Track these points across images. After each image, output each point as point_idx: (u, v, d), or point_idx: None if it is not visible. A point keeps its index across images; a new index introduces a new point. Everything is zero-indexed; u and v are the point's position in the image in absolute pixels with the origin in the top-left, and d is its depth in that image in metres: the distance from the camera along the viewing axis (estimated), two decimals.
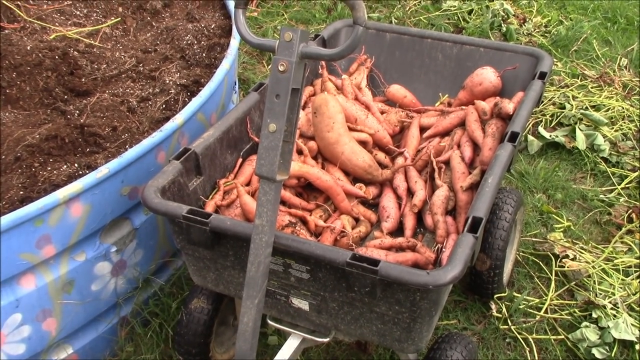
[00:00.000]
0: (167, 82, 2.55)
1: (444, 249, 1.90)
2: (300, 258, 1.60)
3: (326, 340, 1.77)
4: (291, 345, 1.80)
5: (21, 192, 1.98)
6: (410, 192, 2.13)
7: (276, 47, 1.47)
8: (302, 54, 1.45)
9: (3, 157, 2.26)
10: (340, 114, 2.12)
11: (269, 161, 1.48)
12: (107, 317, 2.14)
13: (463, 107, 2.35)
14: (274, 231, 1.53)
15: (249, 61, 3.94)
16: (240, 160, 2.10)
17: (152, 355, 2.13)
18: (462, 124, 2.29)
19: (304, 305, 1.72)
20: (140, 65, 2.76)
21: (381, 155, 2.24)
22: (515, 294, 2.40)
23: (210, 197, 1.96)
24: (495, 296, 2.35)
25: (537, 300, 2.40)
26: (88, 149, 2.17)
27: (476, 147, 2.17)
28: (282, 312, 1.79)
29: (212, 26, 2.92)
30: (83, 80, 2.68)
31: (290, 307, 1.75)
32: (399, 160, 2.22)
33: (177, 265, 2.38)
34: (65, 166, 2.05)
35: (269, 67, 3.84)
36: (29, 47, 2.75)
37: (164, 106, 2.45)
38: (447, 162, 2.17)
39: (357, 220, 2.07)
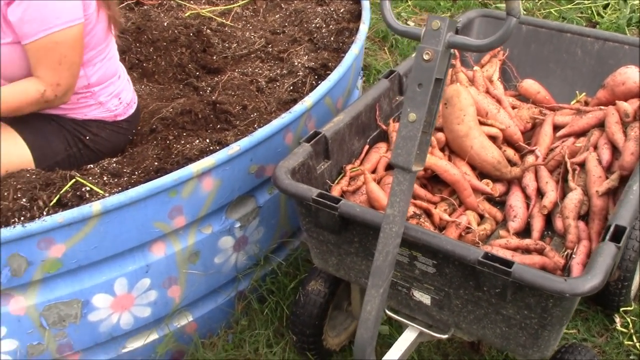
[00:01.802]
0: (296, 64, 2.57)
1: (574, 255, 1.82)
2: (428, 251, 1.57)
3: (444, 337, 1.74)
4: (408, 337, 1.78)
5: (155, 163, 2.06)
6: (540, 193, 2.05)
7: (422, 35, 1.44)
8: (449, 44, 1.41)
9: (139, 127, 2.37)
10: (472, 106, 2.06)
11: (406, 151, 1.46)
12: (226, 290, 2.20)
13: (602, 107, 2.22)
14: (404, 222, 1.51)
15: (370, 47, 3.92)
16: (367, 147, 2.09)
17: (266, 331, 2.18)
18: (600, 125, 2.17)
19: (425, 299, 1.69)
20: (269, 46, 2.80)
21: (510, 152, 2.17)
22: None
23: (337, 181, 1.97)
24: (621, 309, 2.22)
25: None
26: (219, 126, 2.23)
27: (615, 151, 2.05)
28: (402, 303, 1.77)
29: (342, 10, 2.92)
30: (214, 58, 2.76)
31: (411, 299, 1.73)
32: (530, 159, 2.13)
33: (294, 246, 2.41)
34: (197, 141, 2.11)
35: (393, 54, 3.80)
36: (165, 24, 2.85)
37: (291, 88, 2.47)
38: (581, 164, 2.06)
39: (481, 217, 2.01)
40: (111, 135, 2.19)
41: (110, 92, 2.14)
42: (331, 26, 2.83)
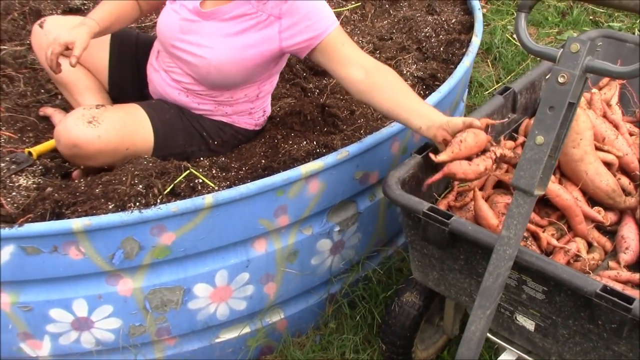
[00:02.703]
0: (404, 72, 2.56)
1: None
2: (540, 277, 1.53)
3: None
4: None
5: (263, 161, 2.10)
6: None
7: (558, 57, 1.40)
8: (587, 68, 1.37)
9: None
10: (590, 130, 1.99)
11: (530, 174, 1.43)
12: (318, 292, 2.22)
13: None
14: (519, 245, 1.48)
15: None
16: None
17: (355, 337, 2.18)
18: None
19: (529, 324, 1.65)
20: (377, 52, 2.80)
21: (625, 181, 2.08)
22: None
23: (443, 195, 1.95)
24: None
25: None
26: (325, 129, 2.25)
27: None
28: (502, 326, 1.73)
29: (453, 21, 2.88)
30: None
31: (513, 323, 1.69)
32: None
33: (387, 254, 2.41)
34: (305, 142, 2.14)
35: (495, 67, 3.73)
36: None
37: None
38: None
39: (590, 245, 1.94)
40: (239, 141, 2.23)
41: (263, 107, 2.22)
42: (441, 36, 2.80)
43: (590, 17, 4.23)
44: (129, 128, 2.02)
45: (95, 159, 1.96)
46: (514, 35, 3.99)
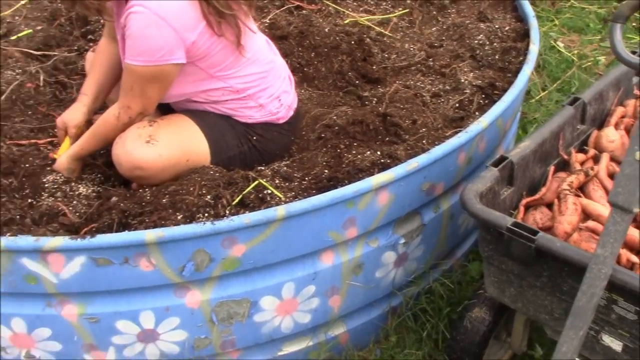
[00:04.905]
0: (462, 80, 2.52)
1: None
2: (633, 297, 1.48)
3: None
4: None
5: (326, 171, 2.06)
6: None
7: None
8: None
9: (303, 132, 2.38)
10: None
11: (629, 190, 1.38)
12: (380, 305, 2.18)
13: None
14: (614, 264, 1.43)
15: None
16: (550, 174, 2.01)
17: (418, 351, 2.13)
18: None
19: (616, 345, 1.60)
20: (430, 59, 2.76)
21: None
22: None
23: (518, 210, 1.90)
24: None
25: None
26: (388, 138, 2.21)
27: None
28: (584, 345, 1.68)
29: (506, 28, 2.84)
30: (374, 67, 2.75)
31: (598, 343, 1.64)
32: None
33: (446, 267, 2.36)
34: (368, 152, 2.10)
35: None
36: (327, 30, 2.87)
37: (457, 105, 2.42)
38: None
39: None
40: (275, 137, 2.21)
41: (270, 94, 2.15)
42: (495, 44, 2.76)
43: (633, 24, 4.16)
44: (184, 140, 2.01)
45: (158, 177, 1.95)
46: (558, 42, 3.95)
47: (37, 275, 1.71)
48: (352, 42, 2.80)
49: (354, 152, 2.12)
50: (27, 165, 2.08)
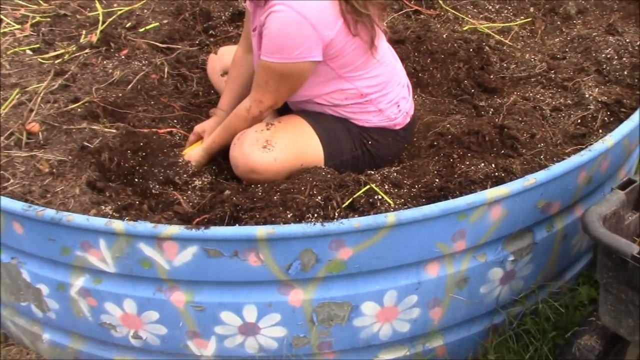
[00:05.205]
0: (586, 95, 2.40)
1: None
2: None
3: None
4: None
5: (437, 180, 2.02)
6: None
7: None
8: None
9: (415, 139, 2.35)
10: None
11: None
12: (482, 321, 2.12)
13: None
14: None
15: None
16: None
17: None
18: None
19: None
20: (552, 72, 2.65)
21: None
22: None
23: None
24: None
25: None
26: (503, 151, 2.14)
27: None
28: None
29: (638, 43, 2.68)
30: (492, 77, 2.68)
31: None
32: None
33: (553, 289, 2.26)
34: (482, 164, 2.04)
35: None
36: (444, 36, 2.82)
37: (579, 121, 2.31)
38: None
39: None
40: (390, 143, 2.20)
41: (390, 100, 2.15)
42: (624, 59, 2.61)
43: None
44: (299, 144, 2.05)
45: (272, 179, 2.00)
46: None
47: (151, 260, 1.78)
48: (470, 50, 2.74)
49: (467, 162, 2.06)
50: (147, 153, 2.17)
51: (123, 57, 2.63)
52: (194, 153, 2.19)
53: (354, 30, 1.94)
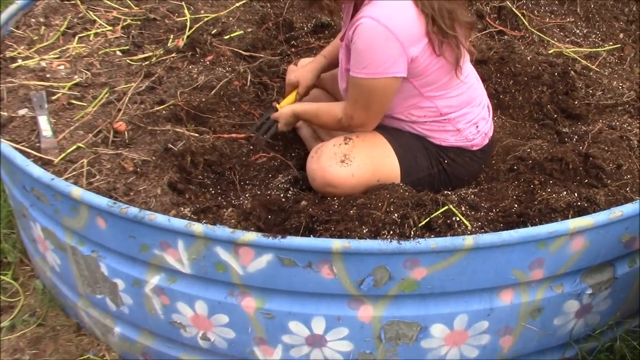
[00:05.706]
0: None
1: None
2: None
3: None
4: None
5: (516, 205, 1.98)
6: None
7: None
8: None
9: (493, 162, 2.31)
10: None
11: None
12: (553, 353, 2.06)
13: None
14: None
15: None
16: None
17: None
18: None
19: None
20: None
21: None
22: None
23: None
24: None
25: None
26: (587, 181, 2.08)
27: None
28: None
29: None
30: (576, 103, 2.61)
31: None
32: None
33: (631, 327, 2.17)
34: (565, 192, 1.98)
35: None
36: (529, 58, 2.77)
37: None
38: None
39: None
40: (467, 163, 2.17)
41: (469, 120, 2.12)
42: None
43: None
44: (377, 160, 2.04)
45: (348, 194, 2.00)
46: None
47: (226, 265, 1.81)
48: (555, 74, 2.68)
49: (548, 189, 2.01)
50: (225, 159, 2.21)
51: (208, 62, 2.69)
52: (285, 112, 2.25)
53: (439, 50, 1.92)
